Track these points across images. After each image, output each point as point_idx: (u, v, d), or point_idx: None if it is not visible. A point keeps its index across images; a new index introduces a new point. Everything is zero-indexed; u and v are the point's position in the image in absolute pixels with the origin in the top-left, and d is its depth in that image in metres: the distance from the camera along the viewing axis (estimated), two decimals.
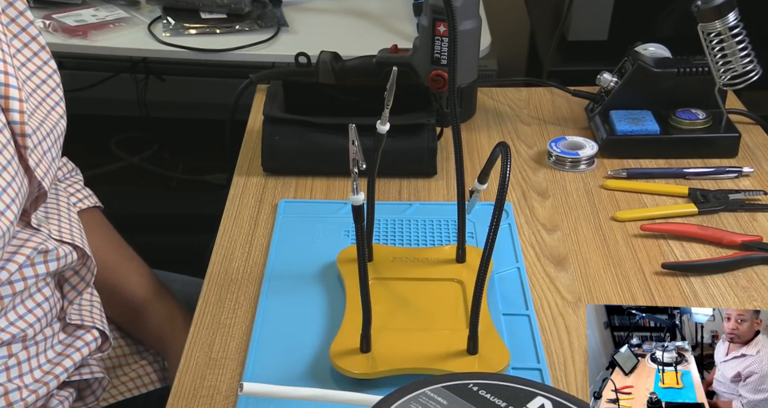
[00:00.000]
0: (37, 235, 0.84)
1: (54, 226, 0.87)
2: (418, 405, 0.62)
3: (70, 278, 0.92)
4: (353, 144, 0.72)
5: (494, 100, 1.38)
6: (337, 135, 1.13)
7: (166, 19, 1.69)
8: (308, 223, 1.06)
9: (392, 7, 1.82)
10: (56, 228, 0.87)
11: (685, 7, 1.15)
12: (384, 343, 0.83)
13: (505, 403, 0.62)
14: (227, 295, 0.94)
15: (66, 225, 0.90)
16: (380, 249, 0.98)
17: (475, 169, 1.09)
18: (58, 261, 0.85)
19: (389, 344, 0.83)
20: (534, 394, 0.64)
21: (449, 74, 0.89)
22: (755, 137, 1.26)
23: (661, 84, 1.21)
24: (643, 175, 1.16)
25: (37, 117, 0.81)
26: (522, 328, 0.89)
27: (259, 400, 0.79)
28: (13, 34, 0.84)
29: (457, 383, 0.64)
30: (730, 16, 1.10)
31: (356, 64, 1.30)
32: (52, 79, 0.87)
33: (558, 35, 1.63)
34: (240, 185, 1.15)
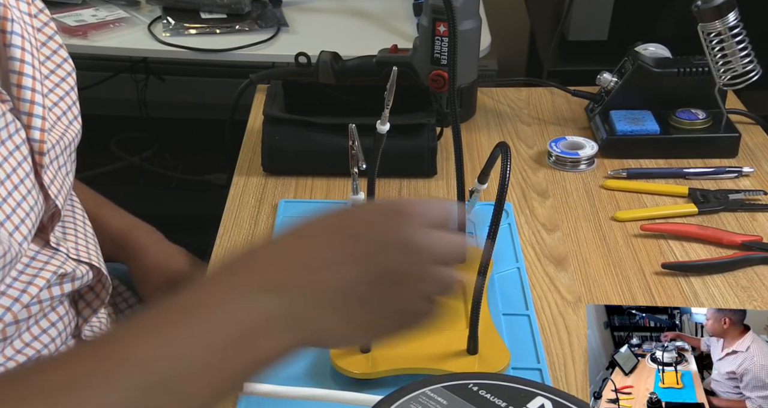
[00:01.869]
0: (56, 257, 0.82)
1: (71, 244, 0.86)
2: (418, 405, 0.62)
3: (85, 295, 0.90)
4: (353, 144, 0.72)
5: (494, 100, 1.38)
6: (337, 135, 1.13)
7: (166, 19, 1.69)
8: None
9: (392, 7, 1.82)
10: (73, 246, 0.86)
11: (685, 7, 1.15)
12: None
13: (505, 403, 0.63)
14: None
15: (83, 243, 0.88)
16: None
17: (475, 169, 1.09)
18: (73, 282, 0.84)
19: (389, 344, 0.83)
20: (534, 394, 0.64)
21: (449, 74, 0.89)
22: (755, 137, 1.26)
23: (661, 84, 1.21)
24: (643, 175, 1.16)
25: (55, 133, 0.80)
26: (522, 328, 0.89)
27: (259, 400, 0.79)
28: (42, 43, 0.83)
29: (457, 383, 0.64)
30: (730, 16, 1.10)
31: (356, 64, 1.30)
32: (72, 94, 0.85)
33: (558, 35, 1.63)
34: (240, 185, 1.15)
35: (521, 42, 2.22)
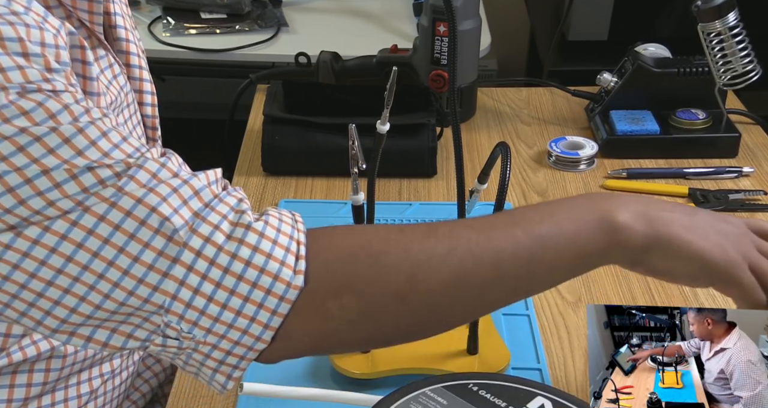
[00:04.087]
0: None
1: None
2: (418, 405, 0.62)
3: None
4: (353, 144, 0.72)
5: (494, 100, 1.38)
6: (337, 135, 1.13)
7: (166, 19, 1.69)
8: (308, 223, 1.05)
9: (392, 7, 1.82)
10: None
11: (685, 7, 1.15)
12: None
13: (505, 403, 0.63)
14: None
15: None
16: None
17: (475, 169, 1.09)
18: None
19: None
20: (534, 394, 0.64)
21: (449, 74, 0.88)
22: (755, 137, 1.25)
23: (661, 84, 1.21)
24: (643, 175, 1.16)
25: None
26: (522, 328, 0.89)
27: (259, 400, 0.79)
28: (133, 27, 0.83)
29: (457, 383, 0.64)
30: (730, 16, 1.10)
31: (356, 64, 1.30)
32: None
33: (558, 35, 1.63)
34: (240, 185, 1.15)
35: (521, 42, 2.21)
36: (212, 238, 0.58)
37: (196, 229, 0.58)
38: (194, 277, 0.58)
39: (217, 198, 0.60)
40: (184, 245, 0.57)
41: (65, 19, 0.65)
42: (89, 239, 0.56)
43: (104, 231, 0.56)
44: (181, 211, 0.58)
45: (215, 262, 0.58)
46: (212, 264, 0.58)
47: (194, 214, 0.58)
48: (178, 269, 0.58)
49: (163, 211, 0.57)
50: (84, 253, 0.56)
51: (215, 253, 0.58)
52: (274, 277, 0.59)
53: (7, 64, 0.55)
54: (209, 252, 0.58)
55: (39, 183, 0.55)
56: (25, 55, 0.56)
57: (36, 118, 0.55)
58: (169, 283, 0.58)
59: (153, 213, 0.57)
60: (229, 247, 0.58)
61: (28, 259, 0.56)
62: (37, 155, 0.55)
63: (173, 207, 0.58)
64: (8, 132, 0.55)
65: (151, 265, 0.57)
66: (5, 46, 0.56)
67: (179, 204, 0.58)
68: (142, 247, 0.57)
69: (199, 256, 0.58)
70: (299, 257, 0.60)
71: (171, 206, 0.57)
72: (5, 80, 0.55)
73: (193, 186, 0.59)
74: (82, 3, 0.67)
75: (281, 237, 0.61)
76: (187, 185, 0.59)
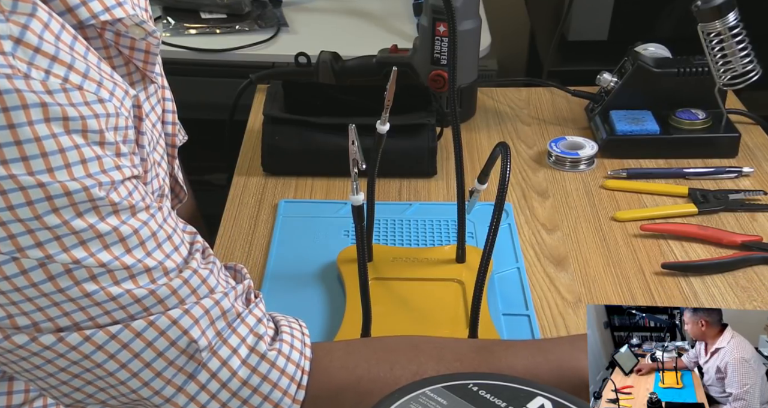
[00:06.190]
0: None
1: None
2: (418, 405, 0.62)
3: None
4: (353, 144, 0.72)
5: (494, 100, 1.38)
6: (337, 135, 1.13)
7: (166, 19, 1.69)
8: (308, 223, 1.06)
9: (392, 7, 1.82)
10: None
11: (685, 7, 1.15)
12: None
13: (505, 403, 0.62)
14: None
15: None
16: (380, 249, 0.98)
17: (475, 169, 1.09)
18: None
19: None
20: (534, 394, 0.64)
21: (449, 74, 0.89)
22: (755, 137, 1.26)
23: (661, 84, 1.21)
24: (643, 175, 1.16)
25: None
26: (522, 328, 0.89)
27: None
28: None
29: (457, 383, 0.64)
30: (730, 16, 1.10)
31: (356, 64, 1.30)
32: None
33: (558, 35, 1.63)
34: (240, 185, 1.15)
35: (521, 42, 2.21)
36: (229, 362, 0.63)
37: (216, 351, 0.63)
38: (204, 396, 0.63)
39: (240, 318, 0.65)
40: (203, 365, 0.62)
41: (124, 67, 0.65)
42: (122, 352, 0.60)
43: (137, 346, 0.60)
44: (207, 332, 0.62)
45: (227, 385, 0.63)
46: (223, 387, 0.63)
47: (217, 333, 0.63)
48: (192, 386, 0.63)
49: (193, 334, 0.61)
50: (113, 363, 0.61)
51: (228, 377, 0.63)
52: (275, 405, 0.65)
53: (89, 155, 0.56)
54: (223, 375, 0.63)
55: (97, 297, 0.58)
56: (101, 144, 0.57)
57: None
58: (181, 396, 0.63)
59: (184, 336, 0.61)
60: (242, 373, 0.64)
61: (61, 358, 0.60)
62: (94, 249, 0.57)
63: (202, 329, 0.62)
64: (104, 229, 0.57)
65: (170, 380, 0.62)
66: (87, 137, 0.56)
67: (207, 325, 0.62)
68: (167, 364, 0.61)
69: (214, 377, 0.63)
70: (300, 387, 0.66)
71: (200, 328, 0.62)
72: (85, 172, 0.56)
73: (222, 307, 0.63)
74: (138, 54, 0.66)
75: (289, 366, 0.66)
76: (218, 307, 0.63)
